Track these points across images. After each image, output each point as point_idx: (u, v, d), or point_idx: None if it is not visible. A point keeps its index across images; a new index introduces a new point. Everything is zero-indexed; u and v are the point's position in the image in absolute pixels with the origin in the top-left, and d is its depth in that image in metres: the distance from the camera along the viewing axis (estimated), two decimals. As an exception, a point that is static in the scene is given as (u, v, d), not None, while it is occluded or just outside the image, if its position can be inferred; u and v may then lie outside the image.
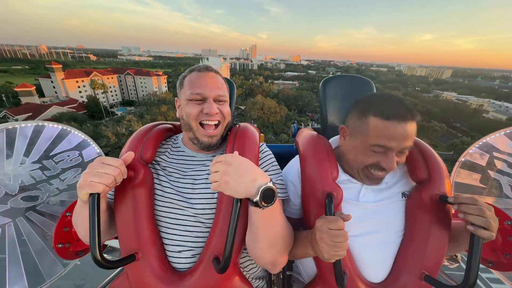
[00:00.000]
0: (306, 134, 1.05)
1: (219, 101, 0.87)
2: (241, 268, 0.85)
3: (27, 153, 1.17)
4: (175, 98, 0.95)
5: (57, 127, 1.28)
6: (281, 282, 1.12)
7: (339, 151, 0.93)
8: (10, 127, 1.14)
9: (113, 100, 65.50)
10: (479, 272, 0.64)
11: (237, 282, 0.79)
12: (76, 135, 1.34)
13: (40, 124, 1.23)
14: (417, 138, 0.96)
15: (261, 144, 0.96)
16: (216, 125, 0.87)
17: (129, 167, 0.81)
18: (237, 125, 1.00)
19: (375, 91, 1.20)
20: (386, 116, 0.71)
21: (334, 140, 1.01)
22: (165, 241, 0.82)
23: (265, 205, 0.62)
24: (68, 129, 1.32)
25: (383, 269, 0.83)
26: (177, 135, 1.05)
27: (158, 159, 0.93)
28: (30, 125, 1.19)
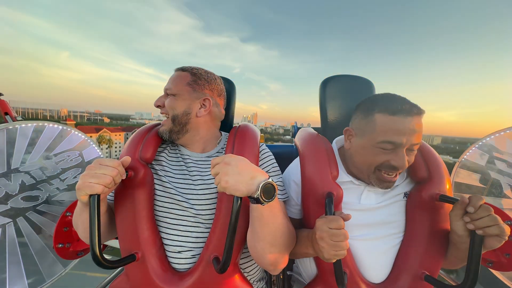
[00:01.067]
0: (306, 134, 1.05)
1: (166, 94, 0.91)
2: (241, 269, 0.85)
3: (28, 153, 1.17)
4: None
5: (57, 127, 1.28)
6: (281, 282, 1.12)
7: (344, 152, 0.92)
8: (11, 127, 1.14)
9: (116, 155, 67.88)
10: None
11: (237, 282, 0.79)
12: (77, 135, 1.34)
13: (41, 124, 1.23)
14: None
15: (261, 144, 0.96)
16: (168, 117, 0.91)
17: (129, 167, 0.81)
18: (237, 125, 1.00)
19: (375, 91, 1.20)
20: (392, 111, 0.71)
21: (338, 140, 1.00)
22: (165, 241, 0.82)
23: (266, 200, 0.63)
24: (69, 129, 1.32)
25: (384, 269, 0.83)
26: None
27: (158, 159, 0.92)
28: (31, 125, 1.20)
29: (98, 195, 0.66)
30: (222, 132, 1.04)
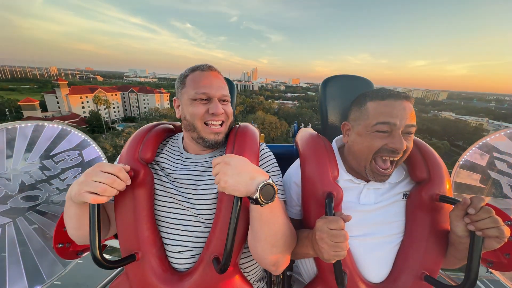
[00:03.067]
0: (306, 134, 1.05)
1: (223, 100, 0.88)
2: (241, 269, 0.85)
3: (27, 153, 1.16)
4: (174, 98, 0.94)
5: (57, 127, 1.28)
6: (281, 282, 1.12)
7: (343, 151, 0.93)
8: (10, 126, 1.14)
9: (115, 116, 66.38)
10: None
11: (237, 282, 0.79)
12: (76, 135, 1.34)
13: (40, 124, 1.23)
14: (417, 138, 0.96)
15: (261, 144, 0.96)
16: (220, 125, 0.88)
17: (129, 167, 0.81)
18: (237, 125, 1.00)
19: None
20: (382, 97, 0.77)
21: (338, 139, 1.01)
22: (165, 241, 0.82)
23: (265, 201, 0.62)
24: (68, 129, 1.32)
25: (384, 269, 0.83)
26: (176, 135, 1.05)
27: (158, 159, 0.92)
28: (30, 125, 1.19)
29: (99, 203, 0.65)
30: None
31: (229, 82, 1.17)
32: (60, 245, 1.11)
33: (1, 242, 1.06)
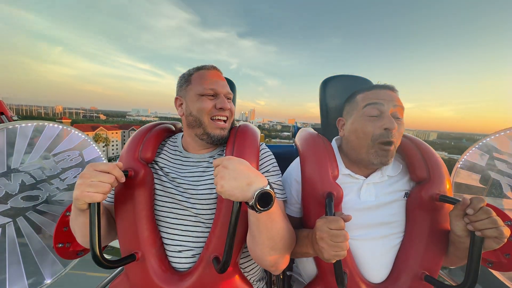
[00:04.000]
0: (306, 133, 1.05)
1: (228, 98, 0.92)
2: (241, 269, 0.85)
3: (28, 152, 1.17)
4: (175, 97, 0.94)
5: (57, 126, 1.28)
6: (281, 282, 1.12)
7: (342, 148, 0.95)
8: (11, 126, 1.14)
9: (113, 153, 67.32)
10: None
11: (237, 282, 0.79)
12: (77, 135, 1.34)
13: (41, 124, 1.23)
14: (417, 138, 0.96)
15: (261, 144, 0.96)
16: (225, 121, 0.90)
17: (129, 167, 0.81)
18: (237, 125, 1.00)
19: None
20: (368, 88, 0.87)
21: (337, 138, 1.02)
22: (165, 241, 0.82)
23: (261, 209, 0.60)
24: (69, 128, 1.32)
25: (384, 269, 0.83)
26: (175, 135, 1.05)
27: (158, 159, 0.92)
28: (31, 124, 1.19)
29: (98, 202, 0.65)
30: None
31: (229, 82, 1.17)
32: (60, 245, 1.11)
33: (1, 242, 1.06)
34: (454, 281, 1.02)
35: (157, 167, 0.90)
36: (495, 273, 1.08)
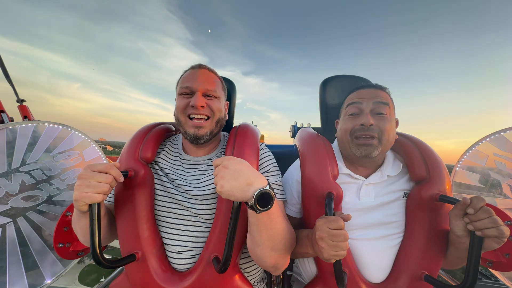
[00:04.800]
0: (306, 134, 1.05)
1: (208, 95, 0.86)
2: (241, 269, 0.85)
3: (28, 152, 1.17)
4: (175, 98, 0.95)
5: (57, 127, 1.28)
6: (281, 282, 1.12)
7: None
8: (11, 127, 1.14)
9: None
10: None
11: (237, 282, 0.79)
12: (77, 135, 1.34)
13: (41, 124, 1.23)
14: (416, 137, 0.96)
15: (261, 144, 0.96)
16: (206, 120, 0.86)
17: (129, 167, 0.81)
18: (238, 125, 1.00)
19: None
20: (354, 89, 0.92)
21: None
22: (165, 241, 0.82)
23: (261, 209, 0.60)
24: (69, 129, 1.32)
25: (384, 269, 0.83)
26: (176, 136, 1.05)
27: (158, 159, 0.92)
28: (31, 125, 1.20)
29: (98, 203, 0.65)
30: (222, 132, 1.04)
31: (228, 81, 1.17)
32: (60, 245, 1.11)
33: (1, 242, 1.06)
34: (454, 281, 1.02)
35: (157, 167, 0.90)
36: (495, 273, 1.08)
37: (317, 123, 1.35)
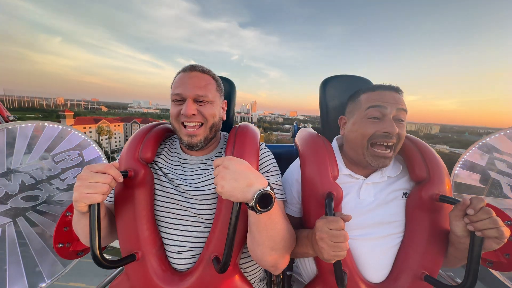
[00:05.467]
0: (306, 134, 1.05)
1: (199, 101, 0.83)
2: (241, 269, 0.85)
3: (27, 152, 1.17)
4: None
5: (57, 127, 1.28)
6: (281, 282, 1.12)
7: (343, 147, 0.95)
8: (11, 127, 1.14)
9: (116, 146, 67.79)
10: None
11: (237, 282, 0.79)
12: (77, 135, 1.34)
13: (41, 124, 1.23)
14: (416, 137, 0.96)
15: (261, 144, 0.96)
16: (200, 126, 0.85)
17: (129, 167, 0.81)
18: (237, 125, 1.00)
19: None
20: (373, 88, 0.85)
21: (338, 138, 1.02)
22: (165, 241, 0.82)
23: (261, 210, 0.60)
24: (69, 129, 1.32)
25: (384, 269, 0.83)
26: (175, 136, 1.05)
27: (157, 159, 0.92)
28: (31, 125, 1.19)
29: (98, 203, 0.64)
30: (221, 132, 1.04)
31: (228, 81, 1.17)
32: (60, 245, 1.11)
33: (1, 242, 1.06)
34: (454, 281, 1.02)
35: (157, 167, 0.90)
36: (495, 273, 1.08)
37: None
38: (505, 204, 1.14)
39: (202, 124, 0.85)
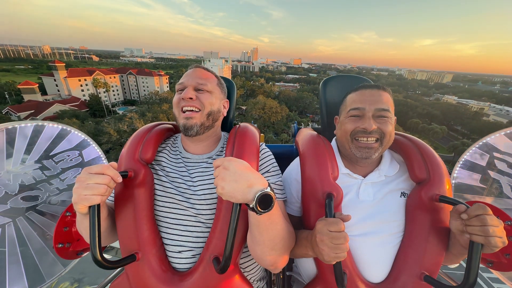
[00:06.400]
0: (306, 134, 1.05)
1: (199, 90, 0.90)
2: (241, 269, 0.85)
3: (27, 152, 1.17)
4: None
5: (57, 127, 1.28)
6: (281, 282, 1.12)
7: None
8: (10, 126, 1.14)
9: (115, 99, 65.74)
10: (479, 272, 0.64)
11: (237, 282, 0.79)
12: (76, 135, 1.34)
13: (40, 123, 1.23)
14: (416, 138, 0.96)
15: (261, 144, 0.96)
16: (196, 112, 0.88)
17: (129, 167, 0.81)
18: (237, 125, 1.00)
19: None
20: (356, 89, 0.91)
21: (336, 138, 1.02)
22: (165, 241, 0.82)
23: (262, 211, 0.61)
24: (68, 128, 1.32)
25: (383, 269, 0.83)
26: (176, 135, 1.05)
27: (158, 159, 0.93)
28: (30, 125, 1.19)
29: (98, 204, 0.64)
30: (222, 132, 1.04)
31: (228, 81, 1.17)
32: (60, 245, 1.11)
33: (1, 242, 1.06)
34: (454, 281, 1.02)
35: (157, 168, 0.90)
36: (495, 273, 1.08)
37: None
38: (505, 204, 1.14)
39: (199, 110, 0.89)
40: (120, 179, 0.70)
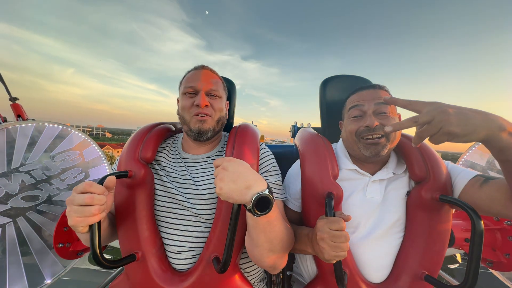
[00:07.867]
0: (306, 133, 1.05)
1: (211, 95, 0.90)
2: (241, 269, 0.85)
3: (28, 152, 1.17)
4: (177, 98, 0.97)
5: (57, 127, 1.28)
6: (281, 282, 1.12)
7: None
8: (11, 127, 1.14)
9: None
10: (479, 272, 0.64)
11: (237, 282, 0.79)
12: (77, 135, 1.34)
13: (41, 124, 1.23)
14: None
15: (261, 144, 0.96)
16: (209, 117, 0.88)
17: (129, 167, 0.81)
18: (238, 125, 1.00)
19: None
20: (355, 90, 0.93)
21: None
22: (165, 241, 0.82)
23: (259, 213, 0.59)
24: (69, 129, 1.32)
25: (384, 269, 0.83)
26: (176, 135, 1.05)
27: (158, 159, 0.93)
28: (31, 125, 1.20)
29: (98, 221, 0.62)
30: (222, 132, 1.04)
31: (228, 81, 1.17)
32: (60, 245, 1.11)
33: (1, 242, 1.06)
34: (454, 281, 1.02)
35: (157, 167, 0.90)
36: (495, 273, 1.08)
37: (317, 122, 1.35)
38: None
39: (211, 116, 0.89)
40: (107, 192, 0.66)
